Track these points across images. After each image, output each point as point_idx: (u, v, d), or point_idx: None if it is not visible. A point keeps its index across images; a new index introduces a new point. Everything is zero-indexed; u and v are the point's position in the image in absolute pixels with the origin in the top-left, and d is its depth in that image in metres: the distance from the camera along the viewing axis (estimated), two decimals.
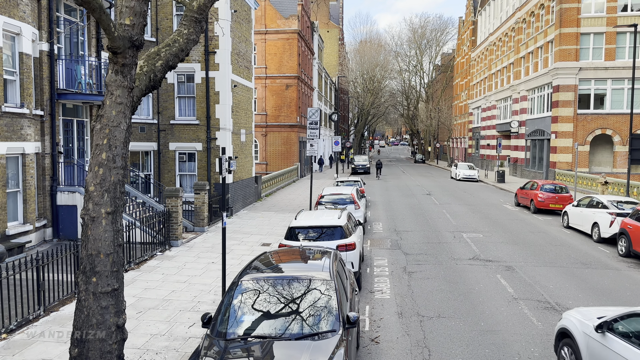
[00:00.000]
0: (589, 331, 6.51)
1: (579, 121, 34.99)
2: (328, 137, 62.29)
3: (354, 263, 11.20)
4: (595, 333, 6.36)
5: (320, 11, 73.37)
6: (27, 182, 14.50)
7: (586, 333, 6.56)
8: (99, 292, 5.79)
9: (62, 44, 16.13)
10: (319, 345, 5.87)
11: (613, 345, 6.02)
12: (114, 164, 5.93)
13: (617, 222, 16.00)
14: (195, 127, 21.12)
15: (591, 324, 6.50)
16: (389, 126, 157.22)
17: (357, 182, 25.18)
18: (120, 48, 5.86)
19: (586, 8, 34.81)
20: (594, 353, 6.33)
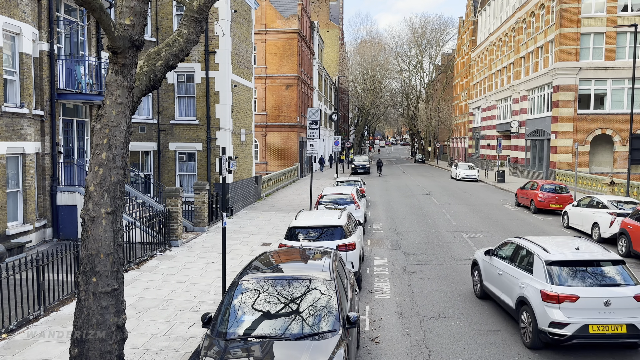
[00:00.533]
0: (483, 257, 10.79)
1: (579, 121, 34.99)
2: (328, 137, 62.29)
3: (354, 263, 11.20)
4: (486, 257, 10.68)
5: (320, 11, 73.38)
6: (27, 182, 14.50)
7: (483, 259, 10.80)
8: (99, 292, 5.79)
9: (62, 44, 16.13)
10: (319, 345, 5.87)
11: (493, 262, 10.26)
12: (114, 164, 5.93)
13: (617, 222, 16.00)
14: (195, 127, 21.13)
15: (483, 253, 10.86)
16: (389, 126, 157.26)
17: (357, 182, 25.18)
18: (120, 48, 5.86)
19: (586, 8, 34.81)
20: (486, 268, 10.58)
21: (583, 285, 8.08)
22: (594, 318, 7.77)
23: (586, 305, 7.82)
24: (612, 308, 7.79)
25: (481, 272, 10.80)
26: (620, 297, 7.87)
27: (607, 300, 7.80)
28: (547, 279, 8.20)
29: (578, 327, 7.70)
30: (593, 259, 8.49)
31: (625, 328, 7.69)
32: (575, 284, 8.08)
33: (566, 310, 7.84)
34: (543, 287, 8.14)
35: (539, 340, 8.15)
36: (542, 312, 8.02)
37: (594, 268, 8.40)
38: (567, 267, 8.31)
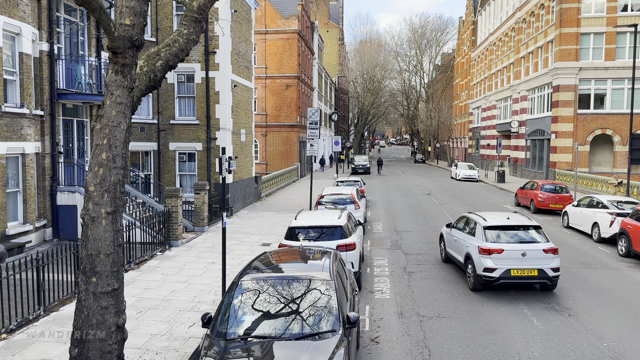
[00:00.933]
0: (446, 230, 13.78)
1: (579, 121, 34.99)
2: (328, 137, 62.30)
3: (354, 263, 11.20)
4: (447, 229, 13.68)
5: (320, 11, 73.38)
6: (27, 182, 14.50)
7: (446, 231, 13.84)
8: (99, 292, 5.79)
9: (62, 44, 16.13)
10: (319, 345, 5.87)
11: (452, 232, 13.11)
12: (114, 164, 5.93)
13: (617, 222, 15.99)
14: (195, 127, 21.13)
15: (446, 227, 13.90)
16: (389, 126, 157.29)
17: (357, 182, 25.17)
18: (120, 48, 5.86)
19: (586, 8, 34.81)
20: (447, 238, 13.57)
21: (507, 242, 11.08)
22: (514, 265, 10.76)
23: (509, 255, 10.81)
24: (527, 258, 10.80)
25: (444, 241, 13.91)
26: (533, 250, 10.84)
27: (523, 252, 10.81)
28: (484, 238, 11.21)
29: (503, 271, 10.74)
30: (516, 224, 11.46)
31: (537, 272, 10.75)
32: (501, 241, 11.08)
33: (495, 259, 10.85)
34: (480, 244, 11.15)
35: (478, 282, 11.16)
36: (479, 261, 11.03)
37: (516, 231, 11.33)
38: (497, 230, 11.30)
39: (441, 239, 14.35)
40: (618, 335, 9.04)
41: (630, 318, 9.87)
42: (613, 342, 8.71)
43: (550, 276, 10.84)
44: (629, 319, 9.84)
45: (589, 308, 10.42)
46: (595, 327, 9.37)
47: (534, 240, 11.14)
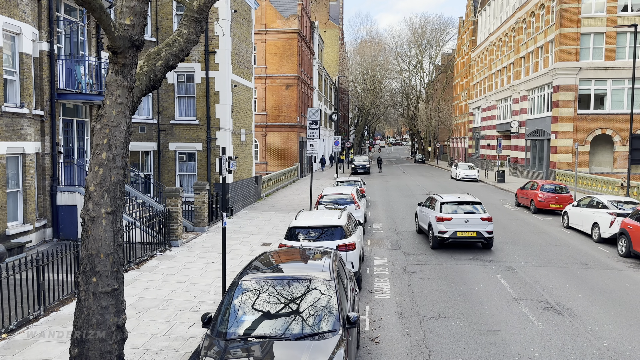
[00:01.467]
0: (418, 208, 17.25)
1: (579, 121, 35.00)
2: (328, 137, 62.30)
3: (354, 263, 11.20)
4: (419, 207, 17.32)
5: (320, 11, 73.38)
6: (27, 182, 14.50)
7: (418, 209, 17.25)
8: (99, 292, 5.79)
9: (62, 43, 16.13)
10: (319, 345, 5.87)
11: (422, 209, 16.94)
12: (114, 164, 5.93)
13: (617, 222, 15.99)
14: (195, 127, 21.13)
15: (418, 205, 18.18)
16: (389, 126, 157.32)
17: (357, 182, 25.17)
18: (121, 48, 5.86)
19: (586, 8, 34.82)
20: (419, 214, 17.33)
21: (455, 212, 15.24)
22: (460, 228, 14.96)
23: (455, 222, 15.00)
24: (469, 224, 14.97)
25: (417, 217, 18.11)
26: (473, 218, 15.03)
27: (466, 220, 14.99)
28: (440, 210, 15.36)
29: (451, 232, 14.96)
30: (462, 200, 15.74)
31: (475, 233, 15.00)
32: (451, 212, 15.25)
33: (446, 224, 15.05)
34: (437, 215, 15.32)
35: (435, 242, 15.38)
36: (436, 227, 15.23)
37: (463, 205, 15.55)
38: (449, 205, 15.53)
39: (416, 215, 18.56)
40: (618, 335, 9.04)
41: (630, 318, 9.87)
42: (613, 342, 8.71)
43: (485, 237, 15.15)
44: (629, 319, 9.84)
45: (589, 308, 10.42)
46: (596, 327, 9.37)
47: (475, 212, 15.35)
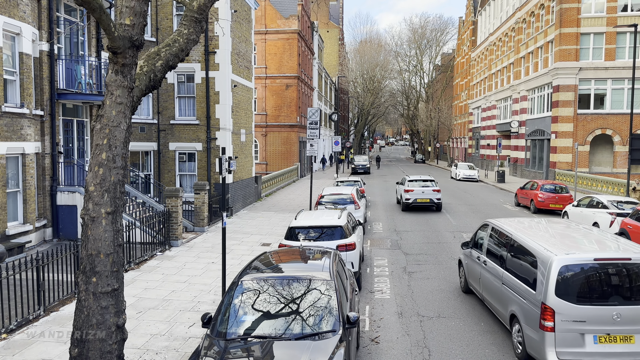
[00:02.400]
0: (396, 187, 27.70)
1: (579, 121, 34.99)
2: (328, 137, 62.31)
3: (354, 263, 11.20)
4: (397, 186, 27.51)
5: (320, 11, 73.39)
6: (27, 182, 14.50)
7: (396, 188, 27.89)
8: (99, 292, 5.79)
9: (62, 44, 16.13)
10: (319, 345, 5.87)
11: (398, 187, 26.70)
12: (114, 164, 5.93)
13: (617, 222, 15.99)
14: (195, 127, 21.13)
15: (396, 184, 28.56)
16: (389, 126, 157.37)
17: (357, 182, 25.18)
18: (120, 48, 5.85)
19: (586, 8, 34.81)
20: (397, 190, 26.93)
21: (416, 187, 23.52)
22: (419, 196, 23.26)
23: (416, 192, 23.27)
24: (425, 193, 23.27)
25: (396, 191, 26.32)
26: (428, 189, 23.35)
27: (423, 190, 23.29)
28: (407, 185, 23.76)
29: (413, 199, 23.28)
30: (421, 178, 24.30)
31: (429, 200, 23.28)
32: (414, 187, 23.50)
33: (410, 194, 23.36)
34: (405, 188, 23.68)
35: (404, 206, 23.77)
36: (403, 196, 23.63)
37: (422, 182, 23.91)
38: (413, 182, 23.93)
39: (396, 192, 26.74)
40: None
41: None
42: None
43: (435, 202, 23.51)
44: None
45: None
46: None
47: (429, 186, 23.70)
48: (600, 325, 7.10)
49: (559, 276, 7.26)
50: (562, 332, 7.15)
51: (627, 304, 7.14)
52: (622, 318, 7.07)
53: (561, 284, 7.24)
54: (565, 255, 7.40)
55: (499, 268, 9.05)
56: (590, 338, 7.12)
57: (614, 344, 7.11)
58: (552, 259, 7.39)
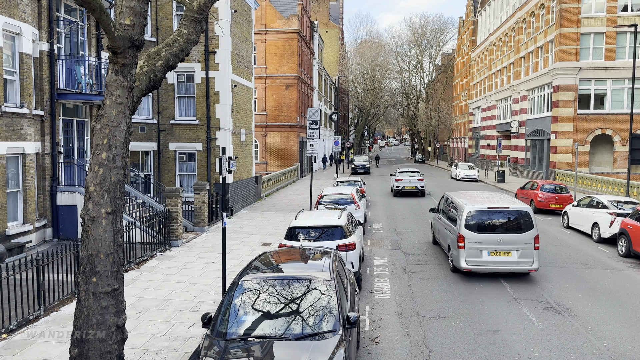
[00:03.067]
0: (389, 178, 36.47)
1: (579, 121, 34.99)
2: (328, 137, 62.31)
3: (354, 263, 11.20)
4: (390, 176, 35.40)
5: (320, 11, 73.37)
6: (27, 182, 14.50)
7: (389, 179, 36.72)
8: (99, 292, 5.79)
9: (62, 43, 16.13)
10: (319, 345, 5.87)
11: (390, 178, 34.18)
12: (114, 164, 5.93)
13: (617, 222, 15.99)
14: (195, 127, 21.13)
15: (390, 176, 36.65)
16: (389, 126, 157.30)
17: (357, 182, 25.17)
18: (121, 48, 5.85)
19: (586, 8, 34.81)
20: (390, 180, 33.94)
21: (405, 177, 29.96)
22: (406, 184, 29.42)
23: (404, 181, 29.53)
24: (412, 182, 29.51)
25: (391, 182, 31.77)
26: (414, 178, 29.80)
27: (410, 180, 29.64)
28: (397, 176, 30.40)
29: (402, 186, 29.49)
30: (409, 170, 31.33)
31: (414, 187, 29.46)
32: (403, 177, 29.91)
33: (399, 182, 29.62)
34: (396, 178, 30.20)
35: (395, 191, 29.91)
36: (394, 184, 29.93)
37: (409, 172, 30.78)
38: (402, 173, 30.74)
39: (390, 183, 32.38)
40: (618, 335, 9.04)
41: (630, 318, 9.87)
42: (613, 342, 8.71)
43: (420, 189, 29.28)
44: (629, 319, 9.84)
45: (589, 308, 10.42)
46: (595, 327, 9.37)
47: (415, 176, 29.62)
48: (490, 245, 11.96)
49: (467, 217, 12.21)
50: (469, 249, 12.02)
51: (506, 233, 12.00)
52: (503, 241, 11.95)
53: (469, 221, 12.18)
54: (471, 205, 12.43)
55: (445, 219, 14.09)
56: (485, 252, 11.99)
57: (498, 256, 11.98)
58: (465, 207, 12.44)
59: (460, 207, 12.65)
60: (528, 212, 12.23)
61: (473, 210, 12.24)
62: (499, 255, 11.90)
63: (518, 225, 12.11)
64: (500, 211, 12.27)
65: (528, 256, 11.94)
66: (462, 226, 12.11)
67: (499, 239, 11.89)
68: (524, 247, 11.91)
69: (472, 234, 11.97)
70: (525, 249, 11.92)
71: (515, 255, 11.93)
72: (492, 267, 11.99)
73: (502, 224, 12.13)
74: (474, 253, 11.94)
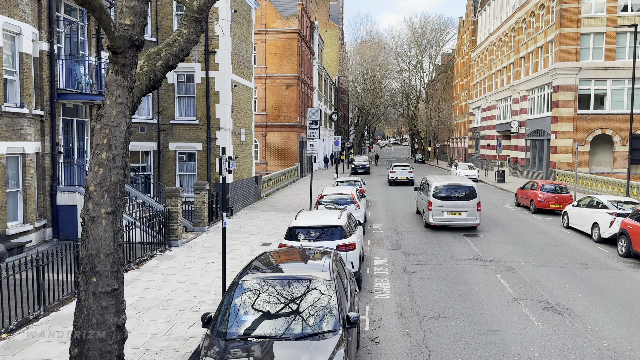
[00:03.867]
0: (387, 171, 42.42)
1: (579, 121, 34.99)
2: (328, 137, 62.31)
3: (354, 263, 11.20)
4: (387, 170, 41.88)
5: (320, 11, 73.36)
6: (27, 182, 14.50)
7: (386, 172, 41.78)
8: (99, 292, 5.79)
9: (62, 43, 16.13)
10: (319, 345, 5.87)
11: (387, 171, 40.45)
12: (114, 164, 5.93)
13: (617, 222, 15.99)
14: (195, 127, 21.13)
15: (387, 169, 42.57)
16: (389, 126, 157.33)
17: (357, 182, 25.17)
18: (121, 48, 5.85)
19: (586, 8, 34.81)
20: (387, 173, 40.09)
21: (397, 170, 37.57)
22: (399, 176, 37.03)
23: (396, 173, 37.35)
24: (402, 173, 37.23)
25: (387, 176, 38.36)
26: (405, 171, 37.51)
27: (402, 172, 37.30)
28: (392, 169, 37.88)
29: (394, 177, 37.22)
30: (401, 164, 39.13)
31: (405, 178, 37.01)
32: (396, 170, 37.56)
33: (393, 173, 37.37)
34: (391, 170, 37.91)
35: (390, 181, 37.44)
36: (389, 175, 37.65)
37: (402, 166, 38.43)
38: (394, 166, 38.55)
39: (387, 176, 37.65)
40: (618, 335, 9.04)
41: (630, 318, 9.87)
42: (613, 342, 8.71)
43: (409, 179, 36.89)
44: (629, 319, 9.84)
45: (589, 308, 10.42)
46: (595, 327, 9.37)
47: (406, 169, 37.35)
48: (449, 208, 18.05)
49: (435, 189, 18.21)
50: (435, 210, 18.11)
51: (458, 200, 18.05)
52: (457, 205, 18.00)
53: (435, 191, 18.19)
54: (437, 182, 18.52)
55: (422, 193, 20.29)
56: (445, 213, 18.04)
57: (454, 215, 18.03)
58: (433, 182, 18.61)
59: (430, 184, 18.85)
60: (474, 187, 18.35)
61: (438, 185, 18.39)
62: (454, 215, 18.13)
63: (467, 196, 18.22)
64: (456, 186, 18.39)
65: (473, 215, 18.12)
66: (431, 195, 18.32)
67: (454, 204, 18.09)
68: (470, 209, 18.11)
69: (437, 200, 18.13)
70: (471, 211, 18.10)
71: (465, 214, 18.15)
72: (449, 222, 18.22)
73: (456, 194, 18.23)
74: (438, 213, 18.16)
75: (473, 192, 18.08)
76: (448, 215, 17.98)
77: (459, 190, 18.22)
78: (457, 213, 18.02)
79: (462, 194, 18.16)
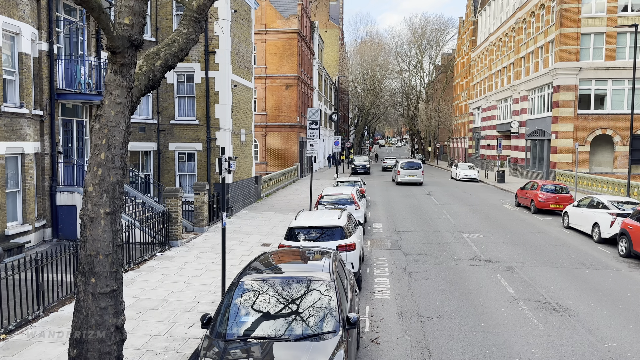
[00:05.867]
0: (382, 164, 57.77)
1: (579, 121, 34.97)
2: (328, 137, 62.27)
3: (354, 263, 11.17)
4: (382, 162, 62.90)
5: (320, 11, 73.33)
6: (27, 182, 14.48)
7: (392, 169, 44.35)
8: (98, 293, 5.77)
9: (62, 43, 16.11)
10: (319, 346, 5.85)
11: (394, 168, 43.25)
12: (113, 164, 5.90)
13: (617, 222, 15.97)
14: (195, 127, 21.10)
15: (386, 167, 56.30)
16: (389, 126, 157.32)
17: (357, 182, 25.16)
18: (119, 48, 5.83)
19: (586, 8, 34.79)
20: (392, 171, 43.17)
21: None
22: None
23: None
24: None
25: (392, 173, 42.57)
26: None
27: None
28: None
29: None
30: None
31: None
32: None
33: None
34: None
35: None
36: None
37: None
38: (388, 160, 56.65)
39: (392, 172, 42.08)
40: (619, 336, 9.01)
41: (631, 319, 9.85)
42: (614, 343, 8.69)
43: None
44: (629, 319, 9.81)
45: (590, 309, 10.40)
46: (596, 328, 9.35)
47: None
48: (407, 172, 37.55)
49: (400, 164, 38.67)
50: (400, 172, 37.60)
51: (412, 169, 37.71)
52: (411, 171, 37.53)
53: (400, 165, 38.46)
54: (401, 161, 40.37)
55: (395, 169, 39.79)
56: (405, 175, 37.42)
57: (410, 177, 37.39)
58: (399, 162, 39.95)
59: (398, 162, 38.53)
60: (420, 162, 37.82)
61: (402, 162, 38.00)
62: (410, 177, 36.62)
63: (417, 166, 37.22)
64: (412, 162, 37.91)
65: (420, 177, 36.76)
66: (399, 167, 37.56)
67: (410, 171, 36.45)
68: (418, 173, 36.81)
69: (402, 170, 36.69)
70: (419, 174, 36.71)
71: (415, 177, 36.62)
72: (407, 180, 36.66)
73: (411, 166, 37.19)
74: (401, 176, 36.51)
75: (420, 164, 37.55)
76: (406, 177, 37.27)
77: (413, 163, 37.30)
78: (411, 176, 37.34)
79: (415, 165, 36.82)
